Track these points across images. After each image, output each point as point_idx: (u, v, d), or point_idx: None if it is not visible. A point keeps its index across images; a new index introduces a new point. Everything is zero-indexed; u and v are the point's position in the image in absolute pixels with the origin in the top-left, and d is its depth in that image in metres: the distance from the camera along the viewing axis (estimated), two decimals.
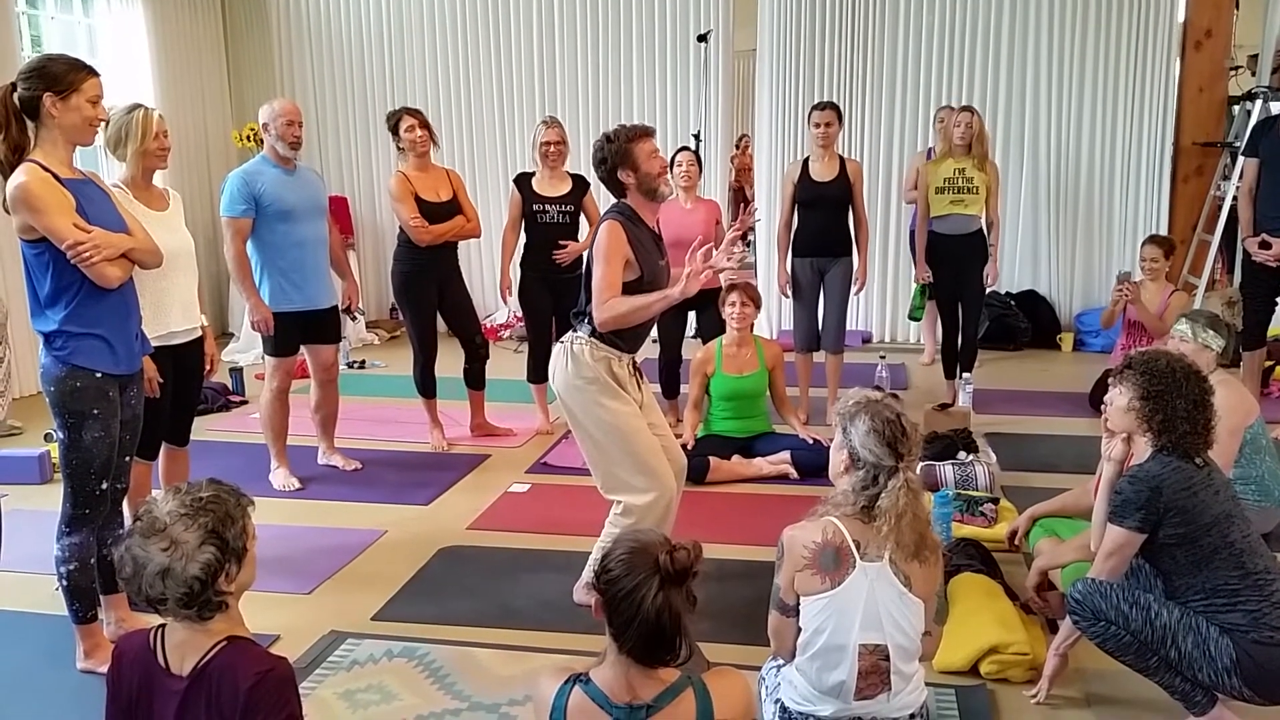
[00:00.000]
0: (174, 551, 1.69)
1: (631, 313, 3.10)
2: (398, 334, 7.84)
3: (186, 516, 1.71)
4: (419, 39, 7.84)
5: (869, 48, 7.28)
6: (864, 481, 2.30)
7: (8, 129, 2.71)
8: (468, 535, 4.05)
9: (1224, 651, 2.41)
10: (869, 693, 2.31)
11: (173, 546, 1.69)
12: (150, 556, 1.69)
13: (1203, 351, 3.31)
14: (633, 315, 3.11)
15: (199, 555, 1.69)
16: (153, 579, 1.69)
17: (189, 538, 1.70)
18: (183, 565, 1.68)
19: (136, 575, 1.70)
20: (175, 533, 1.70)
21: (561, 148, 5.10)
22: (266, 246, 4.33)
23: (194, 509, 1.71)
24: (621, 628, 1.83)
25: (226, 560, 1.72)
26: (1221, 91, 7.11)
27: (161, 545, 1.69)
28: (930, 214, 5.49)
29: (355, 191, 8.16)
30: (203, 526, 1.71)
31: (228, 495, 1.77)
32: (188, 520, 1.70)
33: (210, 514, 1.72)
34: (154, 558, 1.69)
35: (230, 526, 1.74)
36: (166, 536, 1.69)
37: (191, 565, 1.69)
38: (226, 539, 1.73)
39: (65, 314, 2.76)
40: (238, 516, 1.77)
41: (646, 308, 3.11)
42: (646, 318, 3.16)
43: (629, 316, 3.11)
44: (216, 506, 1.74)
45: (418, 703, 2.81)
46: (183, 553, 1.69)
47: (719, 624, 3.08)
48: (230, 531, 1.74)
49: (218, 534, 1.72)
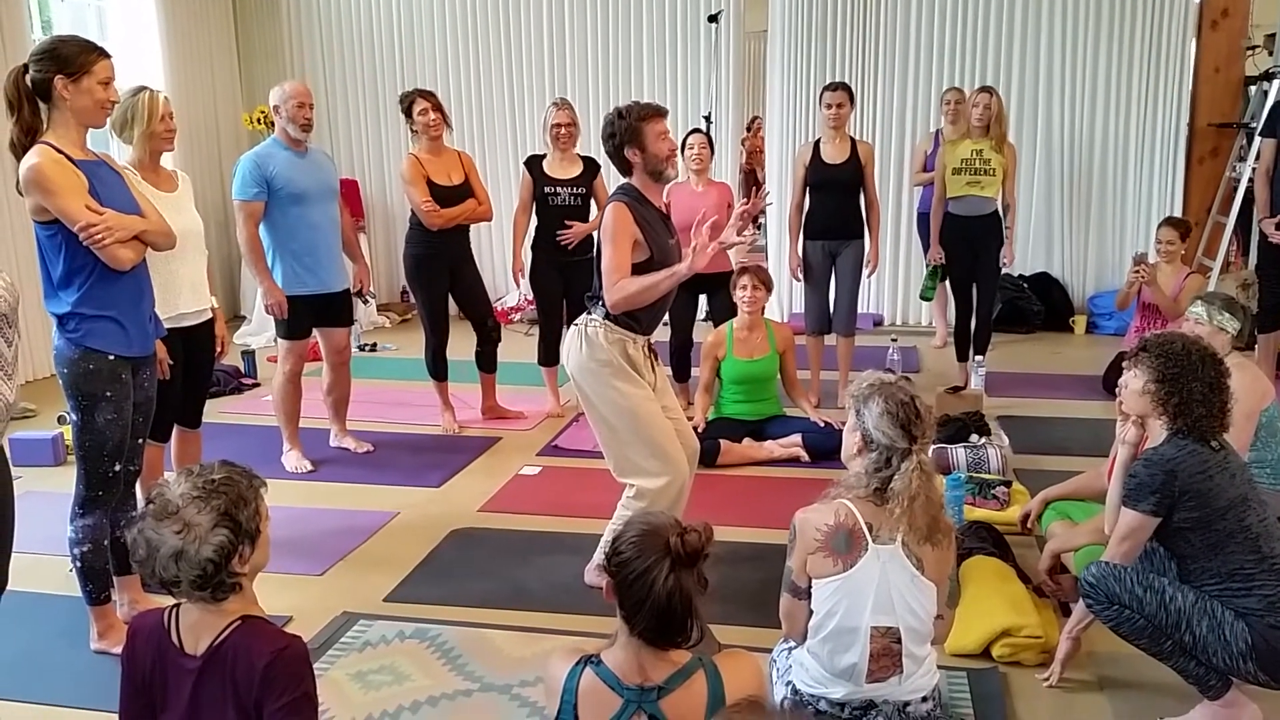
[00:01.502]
0: (187, 534, 1.68)
1: (641, 292, 3.09)
2: (409, 317, 7.85)
3: (199, 499, 1.70)
4: (429, 21, 7.81)
5: (881, 28, 7.23)
6: (877, 464, 2.29)
7: (20, 111, 2.71)
8: (479, 517, 4.06)
9: (1239, 636, 2.40)
10: (880, 675, 2.31)
11: (186, 529, 1.69)
12: (163, 539, 1.69)
13: (1218, 334, 3.28)
14: (643, 295, 3.10)
15: (212, 537, 1.69)
16: (166, 561, 1.69)
17: (202, 520, 1.69)
18: (196, 548, 1.68)
19: (150, 558, 1.70)
20: (188, 515, 1.69)
21: (572, 129, 5.07)
22: (279, 229, 4.33)
23: (206, 491, 1.71)
24: (633, 610, 1.83)
25: (240, 542, 1.72)
26: (1238, 72, 7.03)
27: (174, 528, 1.69)
28: (946, 195, 5.46)
29: (366, 174, 8.15)
30: (215, 509, 1.70)
31: (240, 477, 1.77)
32: (200, 503, 1.70)
33: (223, 496, 1.72)
34: (167, 540, 1.69)
35: (243, 508, 1.74)
36: (179, 519, 1.69)
37: (205, 547, 1.69)
38: (239, 521, 1.72)
39: (78, 296, 2.77)
40: (250, 498, 1.76)
41: (655, 286, 3.09)
42: (657, 296, 3.14)
43: (639, 296, 3.10)
44: (229, 488, 1.73)
45: (430, 684, 2.82)
46: (196, 535, 1.69)
47: (730, 606, 3.08)
48: (243, 513, 1.73)
49: (230, 516, 1.71)
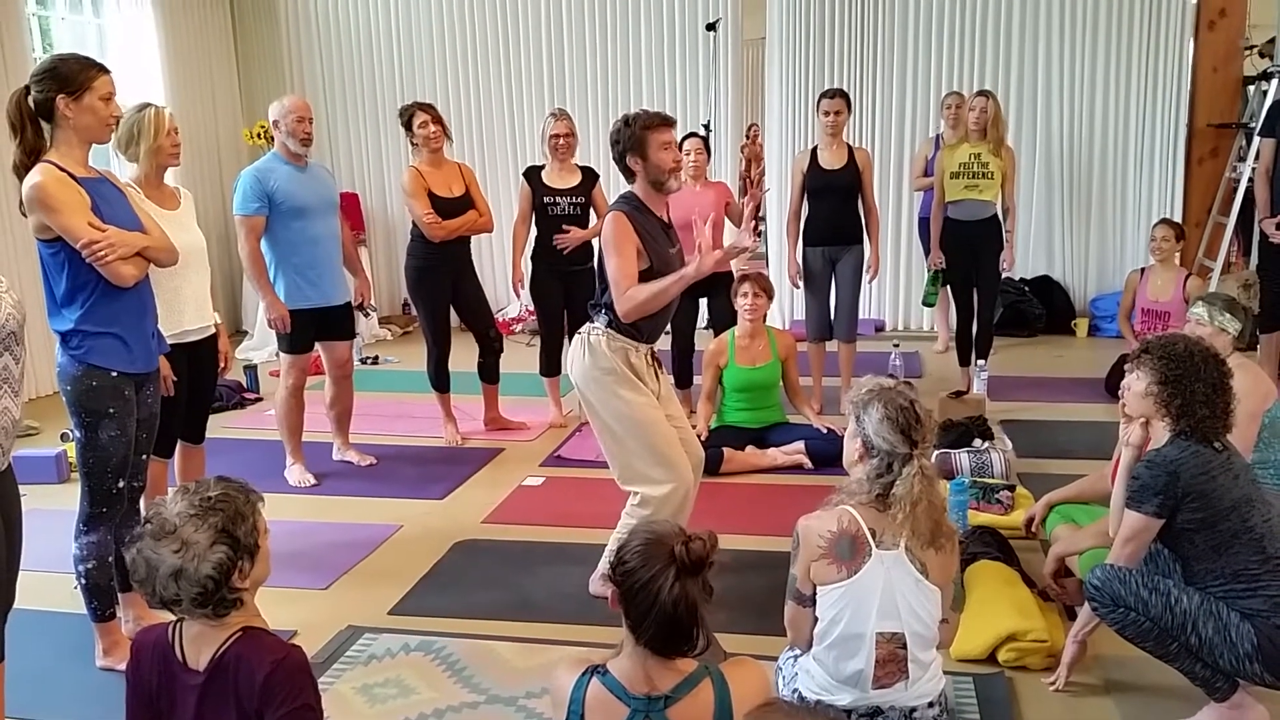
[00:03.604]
0: (185, 553, 1.68)
1: (651, 298, 3.09)
2: (411, 329, 7.85)
3: (196, 517, 1.70)
4: (428, 33, 7.83)
5: (879, 34, 7.24)
6: (878, 469, 2.30)
7: (23, 133, 2.72)
8: (483, 529, 4.06)
9: (1245, 637, 2.39)
10: (887, 681, 2.30)
11: (184, 548, 1.68)
12: (162, 559, 1.69)
13: (1219, 335, 3.28)
14: (653, 301, 3.10)
15: (211, 555, 1.69)
16: (166, 580, 1.69)
17: (200, 538, 1.69)
18: (195, 566, 1.68)
19: (150, 577, 1.70)
20: (186, 534, 1.69)
21: (570, 140, 5.09)
22: (280, 244, 4.34)
23: (203, 509, 1.71)
24: (638, 619, 1.83)
25: (239, 558, 1.72)
26: (1236, 72, 7.03)
27: (173, 547, 1.69)
28: (945, 199, 5.46)
29: (366, 187, 8.17)
30: (213, 526, 1.70)
31: (236, 493, 1.77)
32: (197, 520, 1.70)
33: (220, 513, 1.72)
34: (166, 559, 1.68)
35: (241, 524, 1.73)
36: (177, 538, 1.69)
37: (204, 565, 1.69)
38: (238, 536, 1.72)
39: (81, 313, 2.77)
40: (248, 513, 1.76)
41: (665, 291, 3.10)
42: (667, 301, 3.14)
43: (649, 303, 3.10)
44: (226, 505, 1.73)
45: (435, 696, 2.82)
46: (194, 553, 1.68)
47: (735, 614, 3.07)
48: (241, 529, 1.73)
49: (228, 532, 1.71)
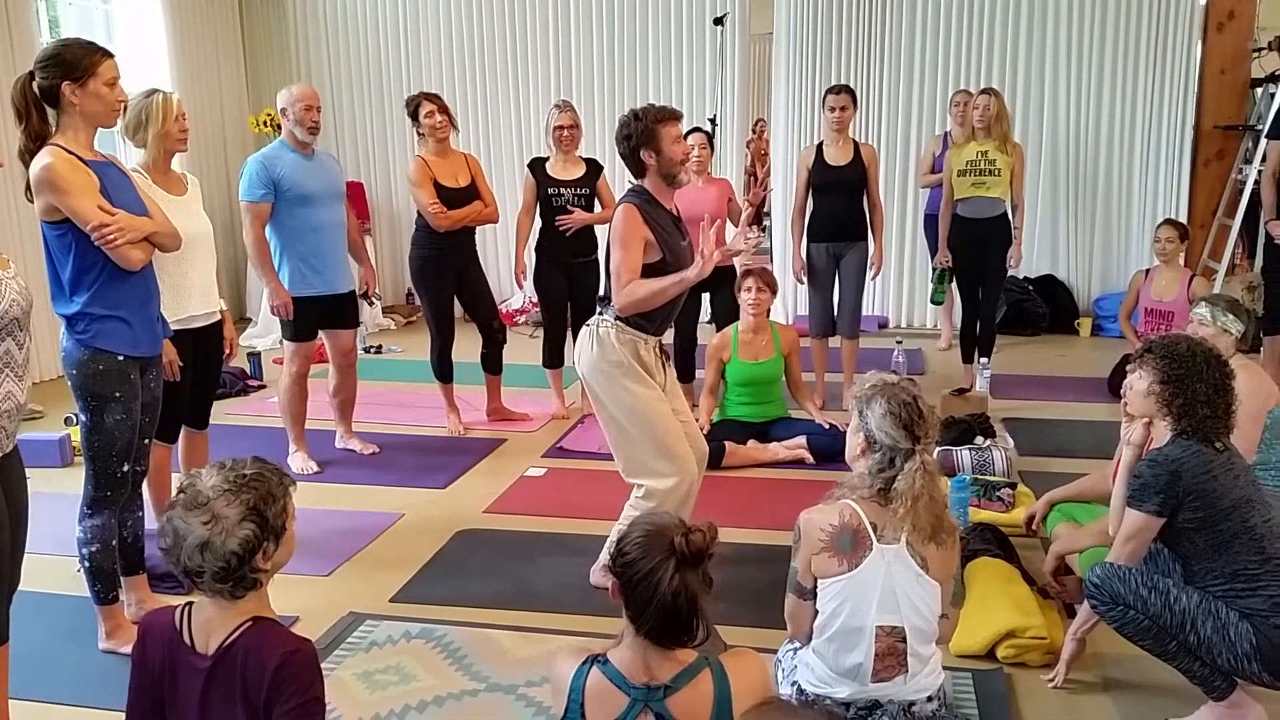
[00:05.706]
0: (214, 526, 1.70)
1: (649, 297, 3.10)
2: (414, 319, 7.86)
3: (230, 492, 1.72)
4: (434, 23, 7.83)
5: (887, 30, 7.23)
6: (880, 464, 2.30)
7: (28, 119, 2.73)
8: (485, 518, 4.07)
9: (1244, 636, 2.40)
10: (886, 675, 2.31)
11: (214, 521, 1.70)
12: (191, 529, 1.71)
13: (1222, 335, 3.28)
14: (651, 299, 3.11)
15: (238, 531, 1.71)
16: (192, 551, 1.70)
17: (230, 513, 1.71)
18: (222, 540, 1.70)
19: (176, 546, 1.72)
20: (217, 507, 1.71)
21: (575, 131, 5.09)
22: (285, 231, 4.34)
23: (237, 485, 1.73)
24: (639, 609, 1.83)
25: (265, 538, 1.74)
26: (1244, 74, 7.01)
27: (203, 519, 1.70)
28: (953, 197, 5.46)
29: (372, 177, 8.17)
30: (244, 503, 1.72)
31: (270, 474, 1.79)
32: (230, 496, 1.72)
33: (253, 491, 1.73)
34: (194, 530, 1.70)
35: (271, 505, 1.75)
36: (208, 510, 1.71)
37: (230, 540, 1.70)
38: (267, 516, 1.74)
39: (87, 297, 2.78)
40: (279, 495, 1.78)
41: (663, 291, 3.10)
42: (664, 301, 3.14)
43: (647, 301, 3.11)
44: (259, 484, 1.75)
45: (436, 684, 2.83)
46: (223, 528, 1.70)
47: (736, 607, 3.09)
48: (271, 509, 1.75)
49: (258, 511, 1.73)
